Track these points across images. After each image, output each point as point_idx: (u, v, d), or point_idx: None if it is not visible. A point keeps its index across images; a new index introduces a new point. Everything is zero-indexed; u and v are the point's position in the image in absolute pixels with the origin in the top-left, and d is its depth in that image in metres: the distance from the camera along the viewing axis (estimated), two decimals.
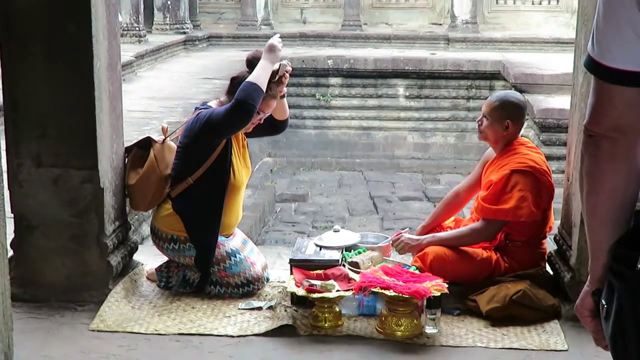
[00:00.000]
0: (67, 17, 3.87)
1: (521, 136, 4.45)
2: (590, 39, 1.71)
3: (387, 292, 3.74)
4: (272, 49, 4.23)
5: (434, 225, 4.61)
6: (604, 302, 1.77)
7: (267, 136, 4.89)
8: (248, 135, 4.49)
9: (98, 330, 3.83)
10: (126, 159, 4.39)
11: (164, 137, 4.38)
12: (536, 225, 4.22)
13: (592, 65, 1.69)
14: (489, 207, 4.18)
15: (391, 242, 4.44)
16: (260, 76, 4.14)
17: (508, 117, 4.26)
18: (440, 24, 17.13)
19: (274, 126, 4.57)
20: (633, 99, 1.66)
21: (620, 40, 1.64)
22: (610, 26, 1.65)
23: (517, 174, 4.14)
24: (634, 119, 1.68)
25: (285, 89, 4.38)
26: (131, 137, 4.69)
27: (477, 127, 4.44)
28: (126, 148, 4.44)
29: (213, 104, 4.34)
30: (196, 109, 4.34)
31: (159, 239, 4.31)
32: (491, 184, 4.22)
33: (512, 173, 4.15)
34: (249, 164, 4.54)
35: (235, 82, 4.26)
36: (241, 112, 4.09)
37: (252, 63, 4.26)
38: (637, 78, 1.64)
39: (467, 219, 4.62)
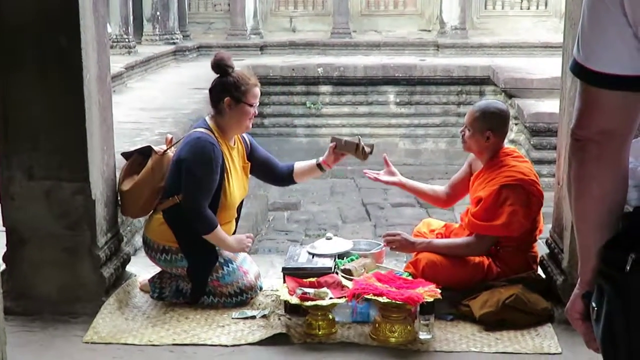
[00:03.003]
0: (57, 30, 3.87)
1: (510, 141, 4.46)
2: (576, 43, 1.72)
3: (380, 299, 3.74)
4: (240, 244, 4.34)
5: (410, 188, 4.82)
6: (594, 304, 1.77)
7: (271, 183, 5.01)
8: (252, 173, 4.54)
9: (92, 342, 3.83)
10: (126, 164, 4.40)
11: (165, 149, 4.38)
12: (526, 231, 4.23)
13: (578, 69, 1.71)
14: (480, 223, 4.18)
15: (386, 237, 4.42)
16: (218, 239, 4.26)
17: (489, 127, 4.25)
18: (430, 30, 17.17)
19: (282, 180, 4.66)
20: (619, 102, 1.67)
21: (605, 44, 1.65)
22: (595, 30, 1.66)
23: (506, 189, 4.14)
24: (620, 123, 1.69)
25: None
26: (123, 148, 4.68)
27: (460, 137, 4.43)
28: (126, 153, 4.45)
29: (208, 118, 4.35)
30: (194, 127, 4.36)
31: (151, 249, 4.31)
32: (480, 199, 4.22)
33: (501, 188, 4.15)
34: (247, 185, 4.54)
35: (213, 92, 4.32)
36: (196, 221, 4.21)
37: (219, 66, 4.27)
38: (622, 81, 1.65)
39: (456, 226, 4.61)
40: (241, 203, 4.50)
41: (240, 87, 4.23)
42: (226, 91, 4.24)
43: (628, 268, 1.65)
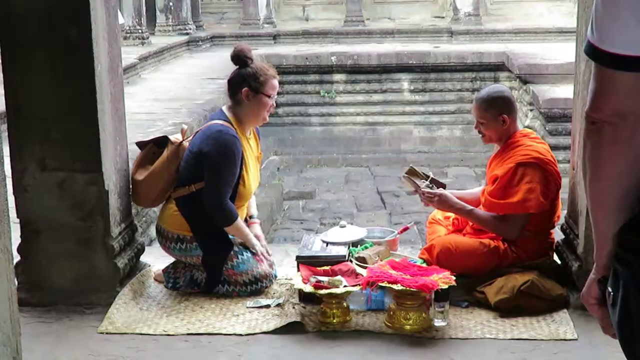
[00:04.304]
0: (67, 21, 3.86)
1: (526, 127, 4.43)
2: (590, 25, 1.70)
3: (394, 287, 3.73)
4: (256, 246, 4.34)
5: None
6: (610, 289, 1.76)
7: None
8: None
9: (107, 333, 3.83)
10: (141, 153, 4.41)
11: (181, 139, 4.38)
12: (545, 215, 4.20)
13: (592, 51, 1.68)
14: (496, 201, 4.16)
15: (426, 195, 4.34)
16: (238, 231, 4.28)
17: (500, 112, 4.23)
18: (443, 17, 17.12)
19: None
20: (634, 84, 1.65)
21: (620, 25, 1.62)
22: (609, 11, 1.64)
23: (522, 167, 4.12)
24: (635, 104, 1.67)
25: None
26: (136, 139, 4.69)
27: (478, 134, 4.40)
28: (141, 143, 4.46)
29: (225, 109, 4.35)
30: (211, 118, 4.37)
31: (165, 239, 4.31)
32: (496, 178, 4.20)
33: (517, 166, 4.12)
34: (259, 175, 4.55)
35: (232, 83, 4.32)
36: (218, 214, 4.23)
37: (238, 57, 4.27)
38: (637, 63, 1.62)
39: None
40: None
41: (259, 77, 4.23)
42: (245, 82, 4.24)
43: None
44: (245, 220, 4.42)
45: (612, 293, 1.74)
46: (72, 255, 4.09)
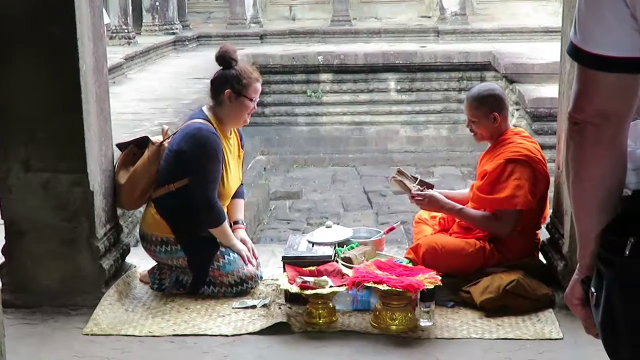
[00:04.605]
0: (52, 21, 3.84)
1: (512, 126, 4.45)
2: (573, 26, 1.70)
3: (380, 287, 3.73)
4: (242, 250, 4.32)
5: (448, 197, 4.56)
6: (593, 290, 1.76)
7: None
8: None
9: (92, 334, 3.82)
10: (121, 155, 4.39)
11: (162, 139, 4.37)
12: (533, 214, 4.21)
13: (575, 52, 1.69)
14: (485, 196, 4.17)
15: (415, 196, 4.35)
16: (223, 234, 4.29)
17: (491, 110, 4.24)
18: (430, 17, 17.13)
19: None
20: (617, 84, 1.65)
21: (602, 26, 1.63)
22: (592, 12, 1.64)
23: (512, 163, 4.13)
24: (618, 105, 1.68)
25: None
26: (122, 139, 4.66)
27: (470, 132, 4.41)
28: (122, 144, 4.44)
29: (205, 108, 4.34)
30: (191, 117, 4.36)
31: (150, 243, 4.30)
32: (486, 173, 4.21)
33: (507, 162, 4.14)
34: (242, 174, 4.55)
35: (215, 83, 4.31)
36: (206, 214, 4.23)
37: (223, 58, 4.27)
38: (620, 63, 1.63)
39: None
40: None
41: (242, 80, 4.23)
42: (228, 83, 4.24)
43: (627, 252, 1.64)
44: (230, 226, 4.41)
45: (595, 293, 1.74)
46: (57, 257, 4.07)
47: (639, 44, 1.61)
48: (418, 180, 4.48)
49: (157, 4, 15.96)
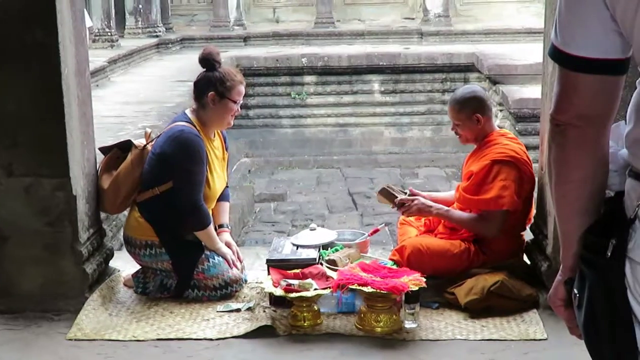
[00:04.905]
0: (33, 24, 3.82)
1: (498, 127, 4.46)
2: (554, 27, 1.70)
3: (365, 289, 3.72)
4: (227, 255, 4.30)
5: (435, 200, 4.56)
6: (576, 291, 1.76)
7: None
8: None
9: (76, 339, 3.80)
10: (105, 158, 4.37)
11: (145, 143, 4.35)
12: (518, 215, 4.21)
13: (556, 54, 1.69)
14: (470, 197, 4.18)
15: (401, 207, 4.34)
16: (209, 237, 4.27)
17: (474, 111, 4.26)
18: (413, 19, 17.16)
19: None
20: (597, 86, 1.66)
21: (583, 28, 1.64)
22: (573, 14, 1.64)
23: (498, 164, 4.14)
24: (599, 107, 1.68)
25: None
26: (106, 142, 4.64)
27: (455, 135, 4.42)
28: (105, 148, 4.42)
29: (188, 111, 4.32)
30: (174, 120, 4.34)
31: (134, 246, 4.28)
32: (471, 174, 4.22)
33: (493, 163, 4.14)
34: (226, 176, 4.53)
35: (198, 85, 4.30)
36: (192, 216, 4.22)
37: (206, 60, 4.26)
38: (600, 65, 1.64)
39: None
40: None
41: (226, 82, 4.22)
42: (211, 85, 4.22)
43: (609, 254, 1.64)
44: (215, 229, 4.39)
45: (577, 295, 1.75)
46: (40, 261, 4.05)
47: (619, 45, 1.62)
48: (408, 193, 4.48)
49: (140, 6, 15.91)
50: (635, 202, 1.62)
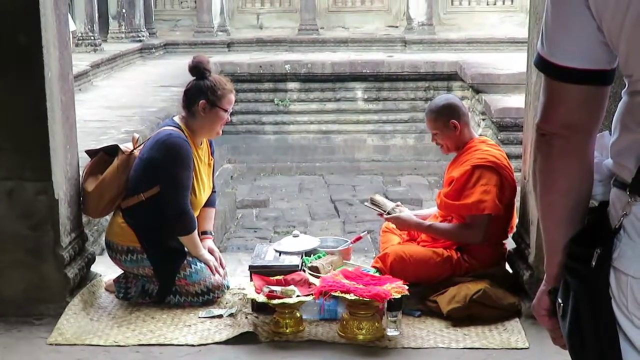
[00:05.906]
0: (17, 28, 3.81)
1: (479, 136, 4.48)
2: (540, 37, 1.71)
3: (347, 296, 3.72)
4: (209, 261, 4.29)
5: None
6: (560, 300, 1.76)
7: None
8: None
9: (56, 344, 3.78)
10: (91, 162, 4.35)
11: (132, 148, 4.33)
12: (499, 222, 4.23)
13: (542, 64, 1.70)
14: (452, 202, 4.19)
15: (388, 213, 4.44)
16: (193, 243, 4.26)
17: (449, 118, 4.29)
18: (397, 27, 17.19)
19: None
20: (583, 96, 1.67)
21: (569, 38, 1.64)
22: (559, 24, 1.65)
23: (479, 169, 4.16)
24: (584, 117, 1.69)
25: None
26: (88, 147, 4.63)
27: (437, 145, 4.45)
28: (92, 151, 4.39)
29: (177, 118, 4.31)
30: (162, 126, 4.33)
31: (116, 252, 4.26)
32: (452, 180, 4.23)
33: (474, 168, 4.16)
34: (212, 181, 4.51)
35: (190, 94, 4.28)
36: (178, 221, 4.20)
37: (197, 69, 4.25)
38: (586, 75, 1.64)
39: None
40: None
41: (217, 91, 4.21)
42: (202, 94, 4.21)
43: (594, 263, 1.64)
44: (198, 235, 4.38)
45: (562, 304, 1.75)
46: (22, 266, 4.02)
47: (604, 56, 1.63)
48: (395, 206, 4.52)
49: (124, 11, 15.87)
50: (621, 212, 1.62)
